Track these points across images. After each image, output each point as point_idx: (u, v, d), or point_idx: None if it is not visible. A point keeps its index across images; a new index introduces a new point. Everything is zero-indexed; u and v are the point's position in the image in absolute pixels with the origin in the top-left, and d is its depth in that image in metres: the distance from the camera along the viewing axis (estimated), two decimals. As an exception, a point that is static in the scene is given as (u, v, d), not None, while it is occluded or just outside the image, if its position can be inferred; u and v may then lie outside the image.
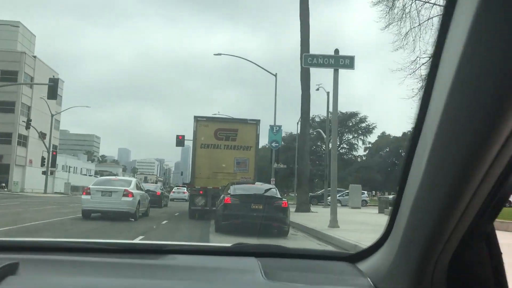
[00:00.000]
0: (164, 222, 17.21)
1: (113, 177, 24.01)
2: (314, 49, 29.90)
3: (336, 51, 14.85)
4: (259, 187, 14.79)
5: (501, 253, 1.24)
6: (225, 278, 1.50)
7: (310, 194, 36.05)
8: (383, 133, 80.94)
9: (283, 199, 13.51)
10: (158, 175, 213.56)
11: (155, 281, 1.43)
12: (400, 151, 75.53)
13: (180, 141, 44.28)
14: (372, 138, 77.48)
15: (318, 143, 66.84)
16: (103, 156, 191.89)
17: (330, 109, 40.49)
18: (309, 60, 14.81)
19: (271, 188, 14.50)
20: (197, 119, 19.12)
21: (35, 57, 58.23)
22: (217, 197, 15.81)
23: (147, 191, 22.38)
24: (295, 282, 1.44)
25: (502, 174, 0.96)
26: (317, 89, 39.10)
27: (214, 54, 30.89)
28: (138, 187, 19.59)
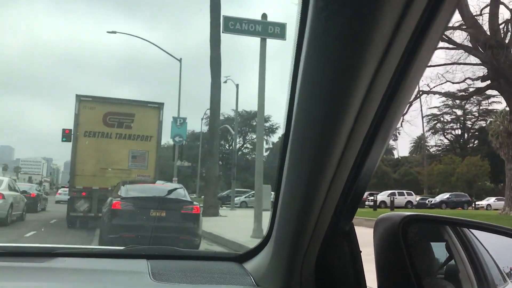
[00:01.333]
0: (30, 233, 12.86)
1: (-21, 177, 19.34)
2: (224, 41, 26.53)
3: (264, 15, 11.82)
4: (161, 187, 11.14)
5: (360, 251, 1.30)
6: (112, 280, 1.49)
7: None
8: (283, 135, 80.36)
9: (194, 203, 10.03)
10: (44, 175, 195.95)
11: (42, 284, 1.40)
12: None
13: (67, 135, 38.40)
14: (275, 138, 76.77)
15: (222, 142, 63.91)
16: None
17: (240, 107, 37.74)
18: (230, 25, 11.49)
19: (177, 189, 10.86)
20: (80, 98, 14.75)
21: None
22: (105, 200, 11.93)
23: (22, 192, 18.99)
24: (182, 282, 1.46)
25: (351, 174, 1.06)
26: (225, 82, 35.96)
27: (108, 32, 26.44)
28: (11, 188, 16.78)
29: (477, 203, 45.35)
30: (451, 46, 21.03)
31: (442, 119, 71.12)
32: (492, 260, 1.54)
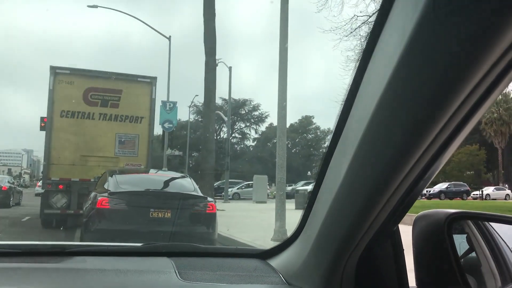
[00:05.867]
0: (-6, 237, 10.34)
1: None
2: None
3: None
4: (161, 178, 8.54)
5: (403, 250, 1.28)
6: (139, 280, 1.42)
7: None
8: (271, 124, 78.65)
9: (209, 199, 7.58)
10: (25, 167, 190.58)
11: (63, 286, 1.28)
12: (289, 144, 74.62)
13: (45, 123, 35.64)
14: (263, 128, 75.06)
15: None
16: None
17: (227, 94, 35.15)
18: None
19: (183, 180, 8.44)
20: (55, 70, 12.08)
21: None
22: (87, 195, 9.45)
23: (-8, 185, 16.46)
24: (209, 281, 1.40)
25: (414, 181, 1.01)
26: (217, 65, 33.44)
27: (88, 6, 23.56)
28: (-23, 181, 14.57)
29: (473, 193, 44.05)
30: None
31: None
32: None
